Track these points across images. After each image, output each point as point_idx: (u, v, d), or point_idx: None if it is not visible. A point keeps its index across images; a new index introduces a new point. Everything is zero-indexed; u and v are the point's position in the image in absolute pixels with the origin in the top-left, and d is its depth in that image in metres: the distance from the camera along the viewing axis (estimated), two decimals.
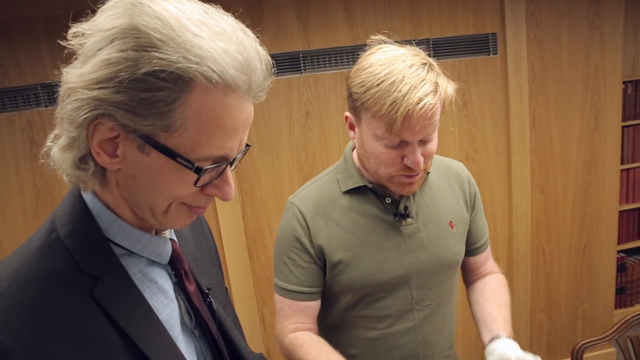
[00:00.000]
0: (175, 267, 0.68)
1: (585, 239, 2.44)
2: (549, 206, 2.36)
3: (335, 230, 1.06)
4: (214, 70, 0.52)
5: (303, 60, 2.07)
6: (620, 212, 2.55)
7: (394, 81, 0.91)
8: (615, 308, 2.64)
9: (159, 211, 0.60)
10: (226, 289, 0.85)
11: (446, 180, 1.16)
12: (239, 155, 0.61)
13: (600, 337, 1.59)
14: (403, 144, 0.96)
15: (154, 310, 0.62)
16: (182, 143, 0.55)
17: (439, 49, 2.14)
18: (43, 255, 0.56)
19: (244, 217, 2.14)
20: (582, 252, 2.45)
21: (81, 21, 0.56)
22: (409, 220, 1.08)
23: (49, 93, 1.94)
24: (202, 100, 0.53)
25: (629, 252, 2.89)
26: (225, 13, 0.57)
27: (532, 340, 2.47)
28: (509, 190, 2.30)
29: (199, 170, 0.56)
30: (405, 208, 1.07)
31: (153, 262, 0.65)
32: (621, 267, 2.76)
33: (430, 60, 0.98)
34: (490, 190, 2.31)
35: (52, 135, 0.60)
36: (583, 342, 1.58)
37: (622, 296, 2.85)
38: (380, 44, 1.01)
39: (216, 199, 0.63)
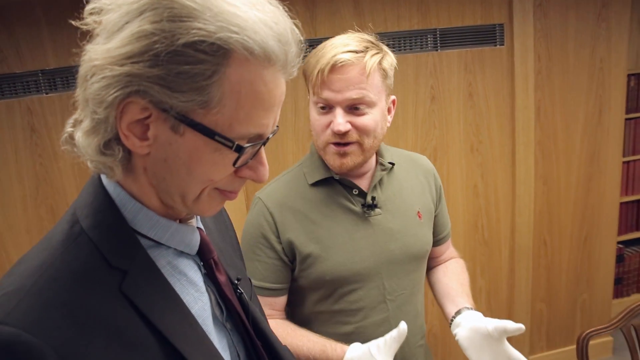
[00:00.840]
0: (204, 257, 0.64)
1: (586, 230, 2.46)
2: (551, 198, 2.38)
3: (304, 223, 1.06)
4: (255, 41, 0.50)
5: (310, 49, 2.04)
6: (620, 203, 2.58)
7: (324, 46, 1.01)
8: (613, 298, 2.68)
9: (191, 197, 0.56)
10: (250, 280, 0.82)
11: (412, 171, 1.18)
12: (271, 134, 0.58)
13: (605, 325, 1.61)
14: (331, 110, 1.00)
15: (186, 304, 0.59)
16: (219, 120, 0.51)
17: (446, 39, 2.13)
18: (67, 249, 0.53)
19: (249, 208, 2.12)
20: (582, 244, 2.47)
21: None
22: (377, 210, 1.09)
23: (49, 80, 1.89)
24: (241, 74, 0.50)
25: (627, 243, 2.93)
26: None
27: (532, 330, 2.50)
28: (513, 182, 2.30)
29: (239, 149, 0.53)
30: (373, 199, 1.08)
31: (181, 253, 0.62)
32: (619, 258, 2.80)
33: (381, 44, 1.04)
34: (494, 182, 2.31)
35: (70, 121, 0.56)
36: (589, 330, 1.59)
37: (620, 286, 2.90)
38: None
39: None
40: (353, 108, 0.99)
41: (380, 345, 0.94)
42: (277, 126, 0.60)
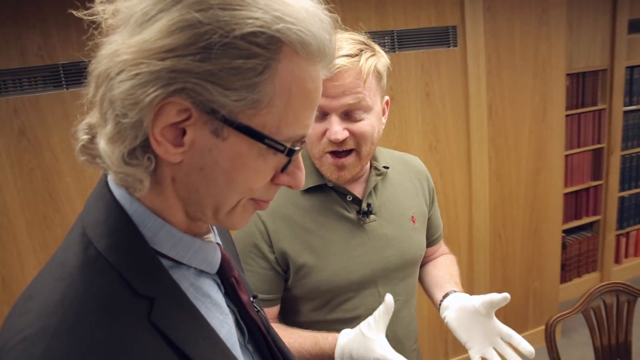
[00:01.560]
0: (225, 275, 0.59)
1: (535, 221, 2.60)
2: (504, 192, 2.49)
3: (297, 232, 1.02)
4: (312, 33, 0.46)
5: None
6: (565, 194, 2.76)
7: None
8: (560, 283, 2.86)
9: (225, 210, 0.51)
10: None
11: (406, 174, 1.16)
12: None
13: (569, 310, 1.70)
14: (326, 117, 0.96)
15: (214, 328, 0.54)
16: (268, 122, 0.47)
17: (403, 40, 2.17)
18: (87, 277, 0.46)
19: None
20: (533, 234, 2.61)
21: None
22: (372, 217, 1.06)
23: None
24: (291, 70, 0.46)
25: (568, 231, 3.14)
26: None
27: None
28: (469, 178, 2.39)
29: (291, 153, 0.49)
30: (368, 205, 1.06)
31: (201, 272, 0.56)
32: (562, 246, 2.99)
33: (373, 44, 1.00)
34: (452, 179, 2.38)
35: (83, 126, 0.49)
36: (557, 315, 1.68)
37: (563, 272, 3.10)
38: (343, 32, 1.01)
39: None
40: (349, 114, 0.95)
41: (370, 323, 0.91)
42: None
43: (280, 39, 0.45)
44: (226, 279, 0.59)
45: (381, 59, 0.99)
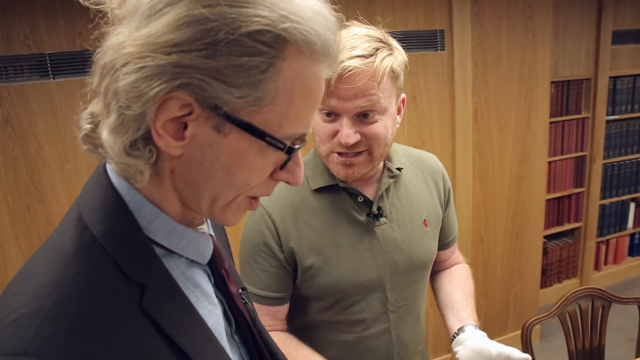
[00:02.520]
0: (216, 266, 0.60)
1: (517, 226, 2.64)
2: (487, 196, 2.52)
3: (306, 232, 1.00)
4: (317, 32, 0.46)
5: None
6: (547, 200, 2.80)
7: None
8: (540, 288, 2.90)
9: (221, 204, 0.51)
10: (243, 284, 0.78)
11: (421, 175, 1.12)
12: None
13: (545, 314, 1.72)
14: (337, 118, 0.93)
15: (202, 317, 0.55)
16: (269, 120, 0.47)
17: None
18: (82, 261, 0.46)
19: None
20: (515, 239, 2.65)
21: None
22: (382, 220, 1.03)
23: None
24: (295, 69, 0.46)
25: (550, 237, 3.19)
26: None
27: None
28: (454, 181, 2.41)
29: (290, 151, 0.49)
30: (379, 208, 1.03)
31: (192, 263, 0.56)
32: (543, 251, 3.03)
33: (390, 39, 0.95)
34: None
35: (86, 115, 0.50)
36: (533, 319, 1.70)
37: (544, 277, 3.14)
38: (355, 24, 0.97)
39: None
40: (362, 115, 0.92)
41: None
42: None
43: (286, 38, 0.45)
44: (217, 270, 0.60)
45: (398, 57, 0.94)
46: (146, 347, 0.47)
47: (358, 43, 0.89)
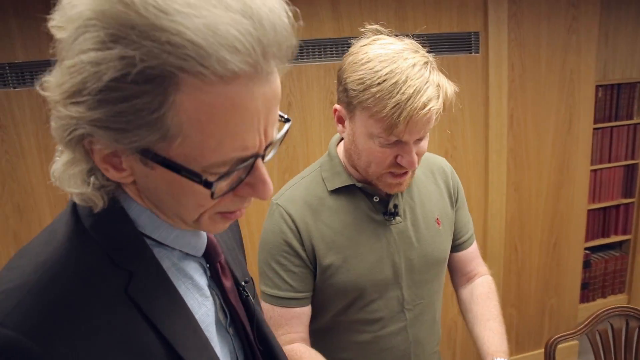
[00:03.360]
0: (211, 259, 0.61)
1: (555, 236, 2.52)
2: (522, 205, 2.43)
3: (325, 231, 1.02)
4: (195, 60, 0.40)
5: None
6: (588, 210, 2.65)
7: (396, 82, 0.87)
8: (580, 303, 2.75)
9: (190, 220, 0.53)
10: (252, 279, 0.78)
11: (431, 176, 1.15)
12: (278, 137, 0.51)
13: (573, 331, 1.64)
14: (398, 143, 0.93)
15: (190, 308, 0.56)
16: (187, 152, 0.44)
17: (423, 45, 2.14)
18: (72, 245, 0.49)
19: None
20: (552, 250, 2.53)
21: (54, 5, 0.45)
22: (397, 218, 1.06)
23: (17, 73, 1.83)
24: (195, 98, 0.42)
25: (594, 249, 3.01)
26: None
27: None
28: (486, 188, 2.34)
29: (209, 185, 0.46)
30: (395, 206, 1.05)
31: (187, 255, 0.59)
32: (586, 264, 2.87)
33: (429, 56, 0.95)
34: (467, 188, 2.34)
35: (59, 149, 0.51)
36: (557, 336, 1.63)
37: (586, 291, 2.98)
38: (375, 34, 0.97)
39: None
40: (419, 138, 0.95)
41: None
42: (289, 119, 0.54)
43: (156, 75, 0.40)
44: (211, 263, 0.62)
45: (449, 82, 0.95)
46: (128, 331, 0.49)
47: (426, 75, 0.89)
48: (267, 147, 0.50)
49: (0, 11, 1.77)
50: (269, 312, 1.06)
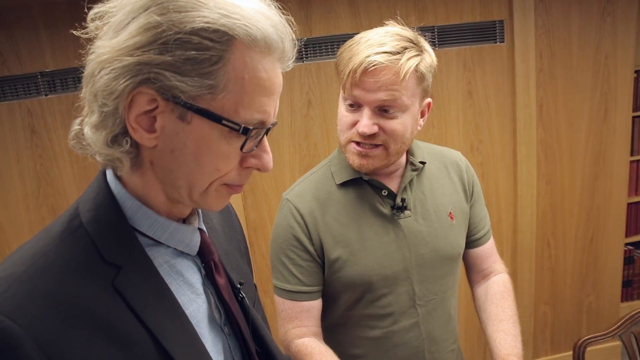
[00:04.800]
0: (205, 258, 0.64)
1: (592, 231, 2.39)
2: (555, 198, 2.32)
3: (333, 225, 1.03)
4: (257, 28, 0.52)
5: (305, 48, 2.04)
6: (629, 204, 2.50)
7: (359, 42, 0.95)
8: (622, 301, 2.60)
9: (198, 191, 0.57)
10: (255, 286, 0.81)
11: (444, 170, 1.13)
12: (272, 125, 0.59)
13: (603, 333, 1.56)
14: (359, 109, 0.96)
15: (180, 304, 0.59)
16: (225, 105, 0.53)
17: (445, 36, 2.09)
18: (63, 241, 0.54)
19: (245, 207, 2.13)
20: (588, 245, 2.41)
21: (101, 2, 0.55)
22: (407, 212, 1.05)
23: (48, 81, 1.93)
24: (244, 60, 0.53)
25: (637, 244, 2.84)
26: None
27: (535, 333, 2.45)
28: (514, 182, 2.26)
29: (246, 131, 0.54)
30: (403, 200, 1.04)
31: (181, 253, 0.62)
32: (628, 260, 2.71)
33: (422, 41, 0.97)
34: (495, 182, 2.27)
35: (77, 120, 0.58)
36: (586, 337, 1.55)
37: (629, 289, 2.81)
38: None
39: None
40: (383, 110, 0.95)
41: None
42: (276, 121, 0.61)
43: (227, 32, 0.51)
44: (205, 262, 0.65)
45: (426, 59, 0.96)
46: (112, 320, 0.52)
47: (387, 40, 0.93)
48: (268, 128, 0.58)
49: (31, 24, 1.86)
50: (280, 305, 1.08)
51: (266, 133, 0.58)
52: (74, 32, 0.55)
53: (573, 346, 1.55)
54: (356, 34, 1.00)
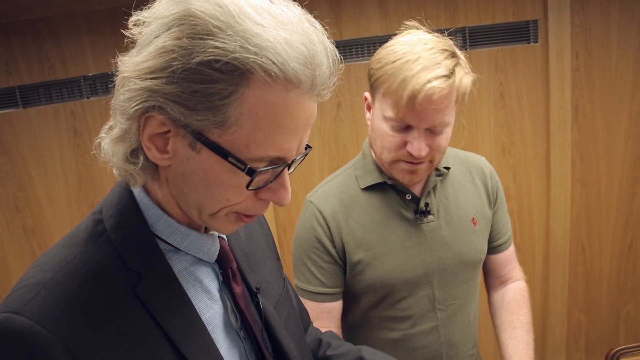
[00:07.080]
0: (223, 266, 0.65)
1: (630, 237, 2.30)
2: (591, 202, 2.25)
3: (355, 228, 1.04)
4: (273, 62, 0.48)
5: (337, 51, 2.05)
6: None
7: (408, 60, 0.90)
8: None
9: (207, 213, 0.57)
10: (285, 279, 0.81)
11: (468, 175, 1.13)
12: (299, 157, 0.57)
13: (637, 343, 1.51)
14: (408, 129, 0.94)
15: (197, 310, 0.60)
16: (236, 141, 0.51)
17: (476, 37, 2.06)
18: (88, 247, 0.55)
19: (275, 207, 2.17)
20: (627, 251, 2.32)
21: (142, 9, 0.54)
22: (430, 217, 1.05)
23: (90, 85, 2.03)
24: (260, 96, 0.49)
25: None
26: (292, 2, 0.54)
27: (568, 340, 2.38)
28: (548, 185, 2.20)
29: (251, 172, 0.52)
30: (426, 205, 1.04)
31: (200, 260, 0.63)
32: None
33: (457, 50, 0.95)
34: (527, 184, 2.22)
35: (106, 127, 0.58)
36: (620, 347, 1.51)
37: None
38: (413, 29, 0.99)
39: None
40: (430, 129, 0.94)
41: None
42: (309, 146, 0.59)
43: (239, 67, 0.48)
44: (223, 269, 0.65)
45: (470, 75, 0.95)
46: (134, 326, 0.54)
47: (440, 59, 0.90)
48: (293, 161, 0.56)
49: (75, 31, 1.97)
50: None
51: (288, 167, 0.56)
52: (124, 31, 0.55)
53: (605, 355, 1.51)
54: (386, 35, 0.99)
